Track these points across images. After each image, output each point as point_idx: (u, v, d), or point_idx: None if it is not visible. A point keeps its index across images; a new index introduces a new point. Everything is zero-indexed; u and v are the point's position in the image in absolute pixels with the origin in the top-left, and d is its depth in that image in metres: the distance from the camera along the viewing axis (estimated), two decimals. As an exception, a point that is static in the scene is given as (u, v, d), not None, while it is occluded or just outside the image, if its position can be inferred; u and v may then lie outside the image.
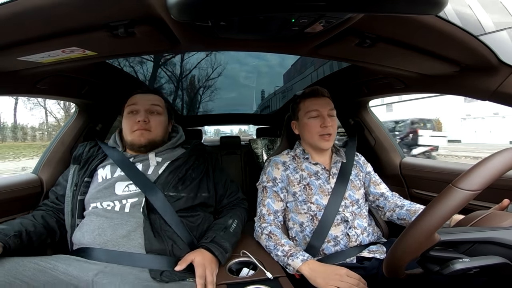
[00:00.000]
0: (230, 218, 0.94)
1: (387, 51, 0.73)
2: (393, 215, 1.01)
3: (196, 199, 0.92)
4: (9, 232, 0.76)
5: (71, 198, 0.91)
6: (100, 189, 0.89)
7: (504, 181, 0.93)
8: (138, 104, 0.98)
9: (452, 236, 0.50)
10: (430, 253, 0.50)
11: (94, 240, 0.80)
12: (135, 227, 0.81)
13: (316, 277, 0.77)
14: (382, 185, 1.10)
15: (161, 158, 0.98)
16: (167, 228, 0.83)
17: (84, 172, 0.95)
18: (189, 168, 0.96)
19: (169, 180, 0.90)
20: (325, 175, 1.04)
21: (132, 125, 0.95)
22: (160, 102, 1.02)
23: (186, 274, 0.75)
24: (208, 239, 0.83)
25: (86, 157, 0.99)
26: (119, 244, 0.79)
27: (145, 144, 0.95)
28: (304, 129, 1.05)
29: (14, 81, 0.84)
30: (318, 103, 1.02)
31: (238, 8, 0.40)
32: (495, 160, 0.46)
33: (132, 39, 0.63)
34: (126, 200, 0.86)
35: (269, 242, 0.92)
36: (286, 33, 0.64)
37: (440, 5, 0.40)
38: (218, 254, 0.79)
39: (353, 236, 0.95)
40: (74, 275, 0.70)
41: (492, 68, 0.72)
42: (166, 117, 1.04)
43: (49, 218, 0.91)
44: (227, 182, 1.07)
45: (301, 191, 1.01)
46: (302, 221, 0.99)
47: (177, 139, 1.06)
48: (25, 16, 0.51)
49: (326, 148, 1.04)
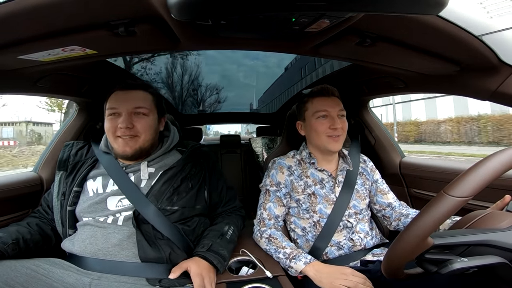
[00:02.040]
0: (226, 224, 0.90)
1: (387, 50, 0.73)
2: (399, 224, 0.98)
3: (192, 211, 0.87)
4: (7, 240, 0.74)
5: (59, 208, 0.86)
6: (92, 203, 0.83)
7: (504, 181, 0.93)
8: (119, 105, 0.85)
9: (446, 239, 0.51)
10: (426, 256, 0.51)
11: (85, 248, 0.76)
12: (127, 236, 0.77)
13: (322, 278, 0.77)
14: (390, 194, 1.05)
15: (154, 168, 0.89)
16: (162, 237, 0.79)
17: (72, 180, 0.87)
18: (185, 177, 0.88)
19: (163, 192, 0.83)
20: (330, 183, 0.99)
21: (114, 130, 0.84)
22: (145, 101, 0.89)
23: (186, 280, 0.73)
24: (205, 247, 0.79)
25: (73, 162, 0.91)
26: (111, 254, 0.75)
27: (131, 154, 0.86)
28: (311, 130, 0.99)
29: (15, 79, 0.84)
30: (327, 103, 0.96)
31: (238, 7, 0.40)
32: (486, 166, 0.47)
33: (133, 38, 0.63)
34: (119, 214, 0.82)
35: (269, 245, 0.90)
36: (287, 32, 0.64)
37: (441, 4, 0.40)
38: (217, 263, 0.76)
39: (357, 240, 0.94)
40: (70, 283, 0.68)
41: (493, 68, 0.72)
42: (154, 116, 0.91)
43: (44, 226, 0.88)
44: (223, 190, 0.99)
45: (305, 199, 0.97)
46: (305, 226, 0.97)
47: (170, 142, 0.95)
48: (25, 14, 0.51)
49: (335, 150, 0.97)
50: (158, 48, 0.78)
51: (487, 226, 0.57)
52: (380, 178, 1.10)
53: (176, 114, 2.20)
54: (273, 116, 2.57)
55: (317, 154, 1.03)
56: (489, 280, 0.57)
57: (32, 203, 1.08)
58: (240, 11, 0.42)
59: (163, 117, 0.97)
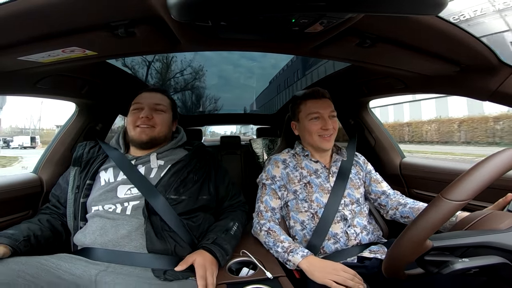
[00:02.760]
0: (231, 220, 0.94)
1: (387, 51, 0.73)
2: (396, 213, 1.01)
3: (197, 202, 0.92)
4: (19, 237, 0.77)
5: (73, 201, 0.91)
6: (103, 192, 0.89)
7: (504, 181, 0.93)
8: (143, 101, 1.00)
9: (445, 242, 0.51)
10: (425, 258, 0.51)
11: (95, 240, 0.80)
12: (136, 227, 0.81)
13: (314, 271, 0.80)
14: (384, 183, 1.10)
15: (163, 160, 0.97)
16: (168, 229, 0.83)
17: (86, 174, 0.94)
18: (190, 171, 0.96)
19: (171, 183, 0.90)
20: (325, 174, 1.04)
21: (135, 120, 0.97)
22: (164, 101, 1.04)
23: (189, 273, 0.75)
24: (210, 240, 0.83)
25: (87, 158, 0.98)
26: (120, 244, 0.79)
27: (146, 141, 0.96)
28: (304, 131, 1.06)
29: (15, 80, 0.84)
30: (319, 105, 1.02)
31: (238, 8, 0.40)
32: (482, 169, 0.47)
33: (132, 39, 0.63)
34: (128, 203, 0.86)
35: (268, 238, 0.93)
36: (286, 33, 0.64)
37: (440, 5, 0.40)
38: (219, 256, 0.79)
39: (352, 235, 0.96)
40: (77, 274, 0.71)
41: (492, 68, 0.72)
42: (170, 115, 1.05)
43: (54, 222, 0.91)
44: (229, 184, 1.06)
45: (302, 189, 1.01)
46: (303, 220, 1.00)
47: (178, 139, 1.06)
48: (25, 16, 0.51)
49: (326, 148, 1.04)
50: (158, 49, 0.78)
51: (487, 227, 0.57)
52: (373, 169, 1.14)
53: None
54: (273, 117, 2.57)
55: (310, 149, 1.09)
56: (490, 281, 0.57)
57: (32, 204, 1.08)
58: (240, 12, 0.42)
59: (175, 120, 1.11)
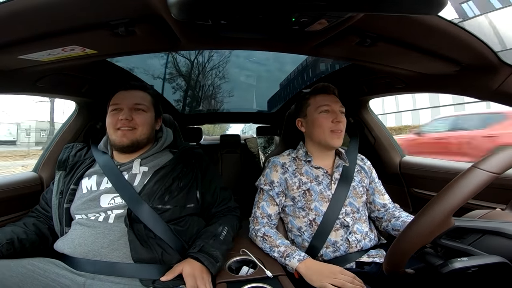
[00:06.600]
0: (220, 225, 0.89)
1: (387, 50, 0.73)
2: (389, 225, 0.98)
3: (183, 210, 0.87)
4: (1, 240, 0.75)
5: (57, 206, 0.88)
6: (85, 200, 0.85)
7: (505, 180, 0.93)
8: (121, 102, 0.92)
9: (466, 222, 0.52)
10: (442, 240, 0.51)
11: (74, 249, 0.76)
12: (118, 237, 0.77)
13: (312, 275, 0.78)
14: (386, 195, 1.06)
15: (147, 167, 0.92)
16: (154, 236, 0.80)
17: (70, 179, 0.90)
18: (176, 177, 0.90)
19: (155, 191, 0.85)
20: (326, 180, 0.99)
21: (116, 123, 0.90)
22: (145, 99, 0.96)
23: (179, 282, 0.73)
24: (196, 248, 0.79)
25: (72, 162, 0.94)
26: (101, 254, 0.75)
27: (127, 144, 0.89)
28: (314, 125, 0.99)
29: (15, 79, 0.84)
30: (329, 99, 0.99)
31: (238, 7, 0.40)
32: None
33: (133, 38, 0.63)
34: (111, 211, 0.82)
35: (264, 244, 0.91)
36: (287, 32, 0.64)
37: (440, 5, 0.40)
38: (208, 264, 0.75)
39: (353, 242, 0.93)
40: (65, 284, 0.69)
41: (493, 67, 0.72)
42: (152, 114, 0.97)
43: (40, 225, 0.89)
44: (217, 190, 0.99)
45: (300, 196, 0.97)
46: (300, 226, 0.97)
47: (162, 142, 0.99)
48: (25, 14, 0.51)
49: (336, 146, 0.98)
50: (158, 48, 0.78)
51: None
52: (377, 177, 1.09)
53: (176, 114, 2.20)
54: (273, 116, 2.57)
55: (315, 151, 1.03)
56: (489, 280, 0.57)
57: (32, 203, 1.08)
58: (240, 10, 0.42)
59: (159, 117, 1.03)
